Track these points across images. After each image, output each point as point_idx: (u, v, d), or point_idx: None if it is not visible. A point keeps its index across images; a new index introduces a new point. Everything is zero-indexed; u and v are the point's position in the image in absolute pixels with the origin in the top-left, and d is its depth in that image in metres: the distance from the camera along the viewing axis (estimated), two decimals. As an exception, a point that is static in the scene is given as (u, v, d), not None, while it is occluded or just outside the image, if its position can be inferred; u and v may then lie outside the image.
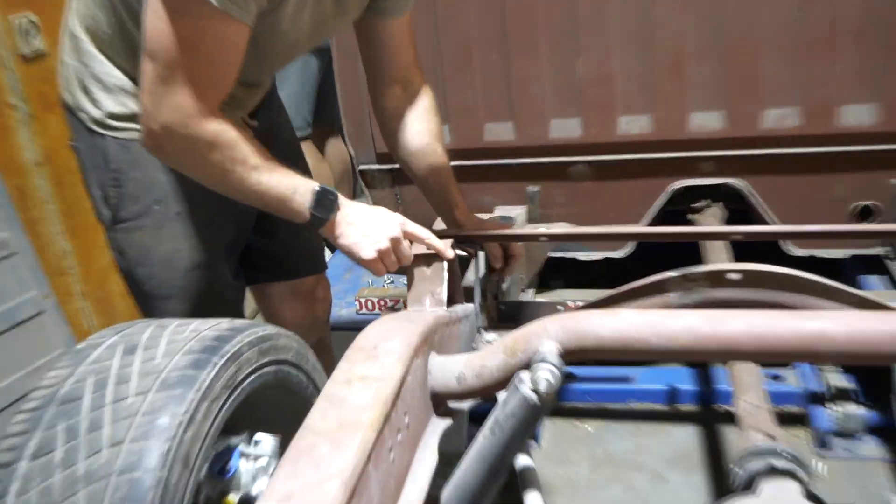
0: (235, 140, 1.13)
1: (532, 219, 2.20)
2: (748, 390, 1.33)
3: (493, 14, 2.06)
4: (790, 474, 1.09)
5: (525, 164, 2.18)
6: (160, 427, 0.83)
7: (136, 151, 1.28)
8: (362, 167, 2.31)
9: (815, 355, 0.91)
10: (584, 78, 2.06)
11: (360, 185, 2.43)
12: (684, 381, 2.21)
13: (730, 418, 2.22)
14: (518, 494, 1.10)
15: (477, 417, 1.19)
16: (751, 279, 1.33)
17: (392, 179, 2.32)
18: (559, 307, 1.58)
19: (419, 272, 1.26)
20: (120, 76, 1.27)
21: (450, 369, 1.05)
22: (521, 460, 1.10)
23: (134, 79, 1.25)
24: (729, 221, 2.15)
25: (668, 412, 2.22)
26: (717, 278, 1.36)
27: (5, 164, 2.23)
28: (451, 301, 1.39)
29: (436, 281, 1.24)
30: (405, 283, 1.32)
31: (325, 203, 1.21)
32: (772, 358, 0.94)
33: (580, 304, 1.55)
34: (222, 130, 1.12)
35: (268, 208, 1.23)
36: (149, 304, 1.40)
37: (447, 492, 1.01)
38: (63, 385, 0.88)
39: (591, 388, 2.30)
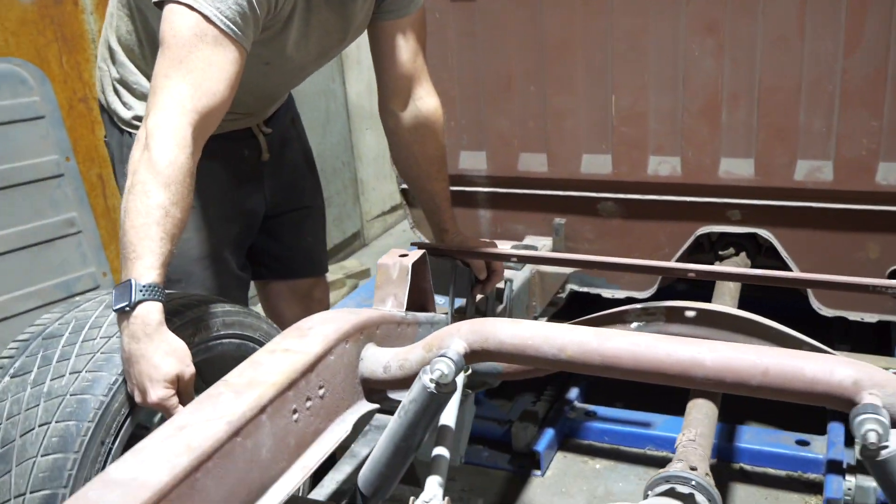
0: (181, 169, 1.12)
1: (557, 250, 2.35)
2: (694, 426, 1.44)
3: (532, 47, 2.24)
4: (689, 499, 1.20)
5: (555, 196, 2.35)
6: (112, 363, 1.09)
7: None
8: (403, 186, 2.54)
9: (688, 379, 1.04)
10: (617, 115, 2.21)
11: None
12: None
13: (744, 475, 2.27)
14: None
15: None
16: (705, 318, 1.45)
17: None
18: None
19: (385, 275, 1.46)
20: (146, 84, 1.52)
21: (379, 360, 1.25)
22: (438, 450, 1.27)
23: None
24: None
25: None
26: (676, 314, 1.48)
27: (90, 154, 2.63)
28: (424, 310, 1.58)
29: (399, 284, 1.44)
30: None
31: (124, 294, 1.08)
32: (647, 378, 1.07)
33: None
34: (185, 152, 1.13)
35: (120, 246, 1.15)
36: None
37: (364, 469, 1.21)
38: (51, 324, 1.15)
39: (608, 427, 2.42)
